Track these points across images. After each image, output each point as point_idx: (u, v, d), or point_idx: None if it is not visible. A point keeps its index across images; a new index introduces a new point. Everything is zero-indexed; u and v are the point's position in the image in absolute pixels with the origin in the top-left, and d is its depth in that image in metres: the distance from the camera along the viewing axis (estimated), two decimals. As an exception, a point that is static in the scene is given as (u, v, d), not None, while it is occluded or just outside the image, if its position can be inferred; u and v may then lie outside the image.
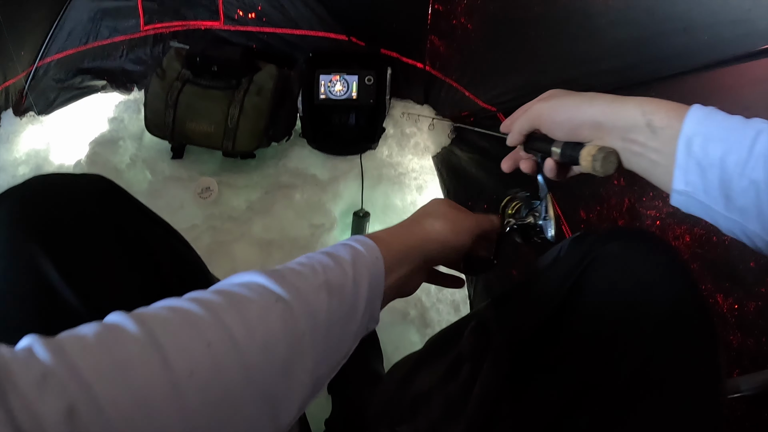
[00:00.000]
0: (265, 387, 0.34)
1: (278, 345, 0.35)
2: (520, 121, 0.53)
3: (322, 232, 1.24)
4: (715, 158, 0.40)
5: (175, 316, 0.33)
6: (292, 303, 0.37)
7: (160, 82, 1.36)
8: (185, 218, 1.31)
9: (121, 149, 1.44)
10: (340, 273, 0.42)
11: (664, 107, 0.43)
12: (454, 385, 0.60)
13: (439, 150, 1.39)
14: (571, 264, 0.50)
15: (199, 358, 0.31)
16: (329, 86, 1.36)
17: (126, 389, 0.28)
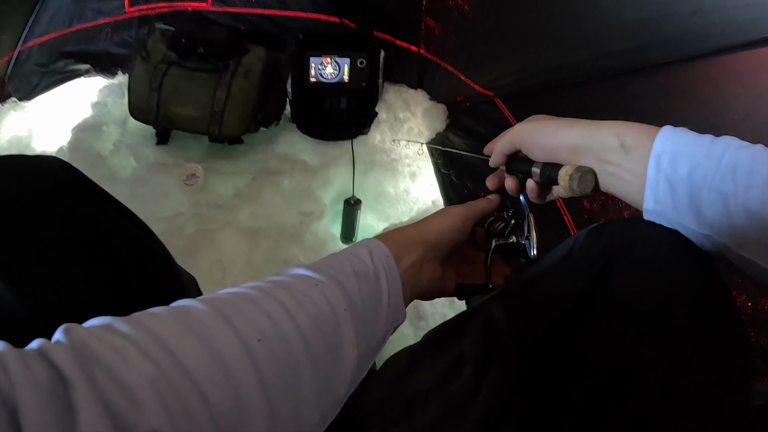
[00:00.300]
0: (320, 355, 0.37)
1: (325, 317, 0.38)
2: (502, 142, 0.55)
3: (312, 220, 1.19)
4: (683, 173, 0.42)
5: (234, 297, 0.37)
6: (330, 284, 0.40)
7: (145, 64, 1.32)
8: (170, 206, 1.26)
9: (105, 135, 1.40)
10: (362, 264, 0.45)
11: (636, 129, 0.46)
12: (454, 386, 0.57)
13: (433, 135, 1.34)
14: (591, 257, 0.47)
15: (263, 327, 0.34)
16: (320, 69, 1.31)
17: (206, 352, 0.31)
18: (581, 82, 1.13)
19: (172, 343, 0.30)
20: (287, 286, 0.39)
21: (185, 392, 0.28)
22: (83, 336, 0.29)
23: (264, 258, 1.16)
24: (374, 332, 0.44)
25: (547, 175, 0.52)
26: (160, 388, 0.28)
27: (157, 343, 0.29)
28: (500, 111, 1.29)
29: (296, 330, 0.36)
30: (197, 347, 0.31)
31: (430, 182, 1.29)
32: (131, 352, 0.28)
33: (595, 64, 1.09)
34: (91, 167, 1.32)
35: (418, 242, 0.51)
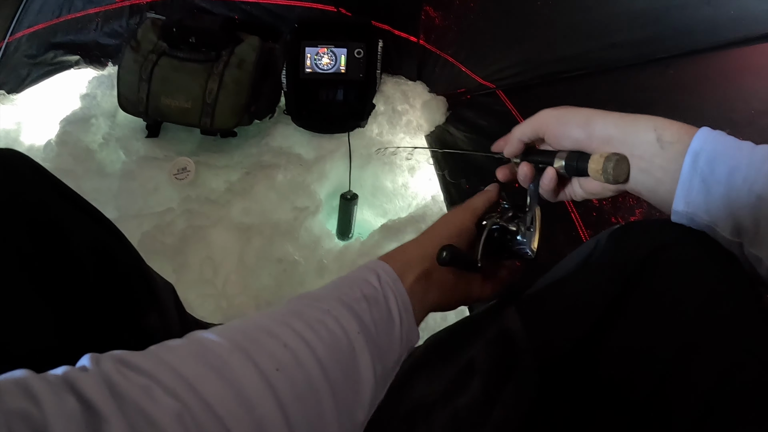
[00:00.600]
0: (338, 381, 0.37)
1: (340, 343, 0.38)
2: (523, 127, 0.52)
3: (307, 216, 1.15)
4: (721, 175, 0.39)
5: (248, 327, 0.37)
6: (341, 309, 0.40)
7: (134, 54, 1.28)
8: (160, 201, 1.22)
9: (94, 128, 1.36)
10: (371, 287, 0.44)
11: (675, 124, 0.43)
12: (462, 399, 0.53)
13: (432, 128, 1.30)
14: (617, 265, 0.44)
15: (280, 357, 0.34)
16: (316, 59, 1.26)
17: (226, 387, 0.31)
18: (588, 73, 1.09)
19: (193, 379, 0.31)
20: (300, 314, 0.39)
21: (209, 427, 0.29)
22: (110, 370, 0.29)
23: (257, 256, 1.12)
24: (389, 355, 0.43)
25: (573, 166, 0.48)
26: (186, 424, 0.28)
27: (179, 380, 0.30)
28: (503, 104, 1.25)
29: (313, 357, 0.36)
30: (218, 383, 0.31)
31: (429, 177, 1.24)
32: (156, 390, 0.29)
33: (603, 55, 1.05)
34: (79, 161, 1.28)
35: (421, 258, 0.49)
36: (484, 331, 0.56)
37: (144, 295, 0.53)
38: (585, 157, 0.47)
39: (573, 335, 0.44)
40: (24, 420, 0.24)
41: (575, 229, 1.01)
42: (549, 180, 0.51)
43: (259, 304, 1.07)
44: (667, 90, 0.94)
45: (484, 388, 0.52)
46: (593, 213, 1.00)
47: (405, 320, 0.45)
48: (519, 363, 0.49)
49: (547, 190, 0.52)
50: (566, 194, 0.54)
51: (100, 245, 0.48)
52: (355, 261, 1.10)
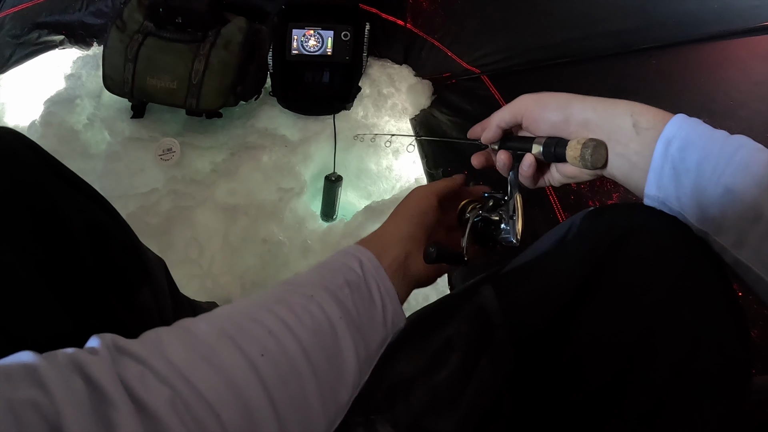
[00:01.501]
0: (321, 365, 0.39)
1: (322, 328, 0.40)
2: (502, 113, 0.52)
3: (291, 197, 1.16)
4: (691, 163, 0.40)
5: (234, 314, 0.39)
6: (324, 295, 0.42)
7: (120, 34, 1.26)
8: (145, 182, 1.22)
9: (78, 108, 1.35)
10: (353, 273, 0.46)
11: (652, 111, 0.44)
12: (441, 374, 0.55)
13: (417, 112, 1.31)
14: (589, 246, 0.44)
15: (265, 342, 0.36)
16: (302, 41, 1.26)
17: (215, 373, 0.33)
18: (571, 61, 1.11)
19: (183, 367, 0.32)
20: (284, 301, 0.41)
21: (200, 412, 0.31)
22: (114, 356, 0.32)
23: (242, 236, 1.13)
24: (372, 338, 0.44)
25: (551, 152, 0.48)
26: (178, 410, 0.30)
27: (170, 368, 0.32)
28: (487, 88, 1.26)
29: (296, 342, 0.38)
30: (207, 370, 0.33)
31: (413, 159, 1.25)
32: (150, 378, 0.31)
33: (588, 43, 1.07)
34: (64, 142, 1.28)
35: (397, 240, 0.51)
36: (462, 309, 0.57)
37: (137, 272, 0.54)
38: (563, 142, 0.48)
39: (544, 313, 0.46)
40: (34, 408, 0.25)
41: (553, 212, 1.03)
42: (528, 166, 0.51)
43: (244, 284, 1.08)
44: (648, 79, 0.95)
45: (461, 363, 0.53)
46: (571, 196, 1.01)
47: (388, 305, 0.46)
48: (493, 338, 0.50)
49: (526, 176, 0.53)
50: (545, 180, 0.55)
51: (95, 223, 0.48)
52: (338, 242, 1.12)
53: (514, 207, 0.52)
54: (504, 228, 0.53)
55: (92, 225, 0.48)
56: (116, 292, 0.49)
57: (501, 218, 0.53)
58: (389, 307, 0.46)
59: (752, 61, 0.79)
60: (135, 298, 0.52)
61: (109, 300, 0.47)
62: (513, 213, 0.52)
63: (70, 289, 0.43)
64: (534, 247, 0.54)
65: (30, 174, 0.44)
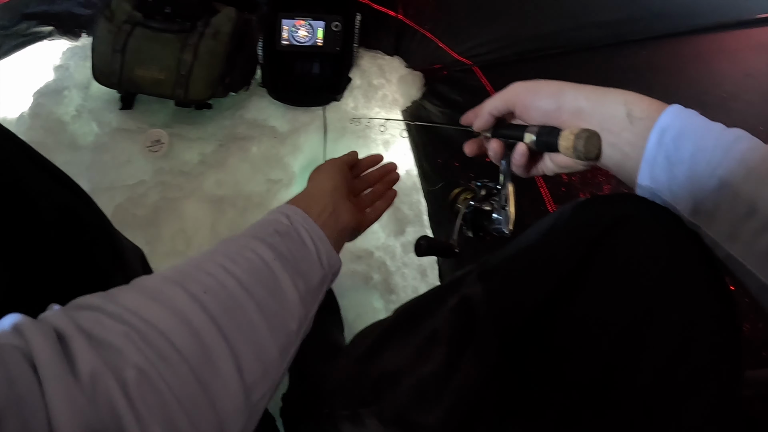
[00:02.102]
0: (261, 296, 0.42)
1: (257, 267, 0.44)
2: (494, 101, 0.51)
3: (280, 188, 1.15)
4: (685, 154, 0.39)
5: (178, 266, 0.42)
6: (256, 242, 0.46)
7: (108, 25, 1.25)
8: (132, 173, 1.21)
9: (66, 99, 1.33)
10: (282, 224, 0.50)
11: (646, 100, 0.43)
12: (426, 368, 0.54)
13: (408, 103, 1.30)
14: (577, 236, 0.43)
15: (206, 282, 0.40)
16: (292, 31, 1.25)
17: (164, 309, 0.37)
18: (563, 52, 1.10)
19: (134, 307, 0.36)
20: (220, 252, 0.44)
21: (154, 339, 0.34)
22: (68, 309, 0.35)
23: (229, 227, 1.12)
24: (310, 276, 0.48)
25: (543, 141, 0.48)
26: (134, 338, 0.33)
27: (122, 309, 0.35)
28: (478, 79, 1.25)
29: (235, 279, 0.41)
30: (156, 306, 0.36)
31: (404, 151, 1.24)
32: (104, 319, 0.34)
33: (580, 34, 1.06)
34: (51, 134, 1.27)
35: (323, 191, 0.58)
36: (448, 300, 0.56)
37: (110, 259, 0.54)
38: (555, 132, 0.47)
39: (530, 304, 0.44)
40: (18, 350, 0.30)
41: (543, 204, 1.02)
42: (520, 156, 0.51)
43: (231, 276, 1.07)
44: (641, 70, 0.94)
45: (446, 355, 0.52)
46: (562, 188, 1.00)
47: (321, 248, 0.51)
48: (478, 329, 0.49)
49: (519, 165, 0.52)
50: (538, 169, 0.54)
51: (66, 208, 0.49)
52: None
53: (506, 197, 0.51)
54: (495, 218, 0.52)
55: (63, 210, 0.47)
56: (87, 277, 0.48)
57: (493, 208, 0.53)
58: (322, 248, 0.51)
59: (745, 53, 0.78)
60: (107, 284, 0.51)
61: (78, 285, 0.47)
62: (505, 203, 0.51)
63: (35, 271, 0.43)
64: (522, 237, 0.52)
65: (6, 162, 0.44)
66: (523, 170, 0.53)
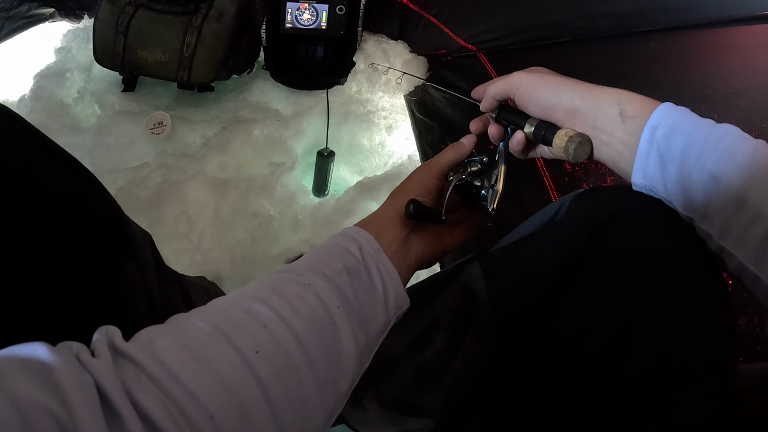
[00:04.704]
0: (318, 356, 0.38)
1: (319, 318, 0.39)
2: (496, 86, 0.53)
3: (283, 171, 1.14)
4: (676, 150, 0.40)
5: (229, 307, 0.38)
6: (321, 283, 0.41)
7: (111, 6, 1.24)
8: (135, 156, 1.20)
9: (68, 82, 1.33)
10: (353, 258, 0.45)
11: (639, 99, 0.44)
12: (427, 352, 0.55)
13: (412, 88, 1.29)
14: (577, 227, 0.44)
15: (259, 338, 0.36)
16: (297, 14, 1.24)
17: (208, 373, 0.33)
18: (571, 41, 1.09)
19: (175, 368, 0.32)
20: (280, 290, 0.40)
21: (193, 414, 0.31)
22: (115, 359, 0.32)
23: (232, 210, 1.12)
24: (372, 324, 0.44)
25: (540, 135, 0.50)
26: (172, 413, 0.30)
27: (162, 369, 0.32)
28: (483, 66, 1.24)
29: (292, 335, 0.37)
30: (200, 370, 0.33)
31: (406, 136, 1.24)
32: (144, 381, 0.31)
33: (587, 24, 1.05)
34: (53, 116, 1.26)
35: (395, 220, 0.50)
36: (450, 287, 0.57)
37: (122, 245, 0.52)
38: (553, 129, 0.48)
39: (529, 293, 0.45)
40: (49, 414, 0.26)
41: (547, 193, 1.02)
42: (517, 143, 0.53)
43: (233, 258, 1.07)
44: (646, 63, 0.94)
45: (447, 341, 0.53)
46: (565, 178, 1.00)
47: (390, 288, 0.46)
48: (479, 315, 0.50)
49: (516, 151, 0.54)
50: (536, 153, 0.55)
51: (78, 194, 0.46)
52: (329, 217, 1.10)
53: (497, 176, 0.53)
54: (483, 194, 0.54)
55: (75, 195, 0.45)
56: (100, 265, 0.47)
57: (483, 184, 0.54)
58: (391, 289, 0.46)
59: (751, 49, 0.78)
60: (119, 270, 0.50)
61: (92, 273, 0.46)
62: (494, 182, 0.53)
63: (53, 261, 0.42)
64: (523, 226, 0.54)
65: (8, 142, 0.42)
66: (521, 153, 0.54)
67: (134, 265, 0.52)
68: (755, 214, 0.36)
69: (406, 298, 0.48)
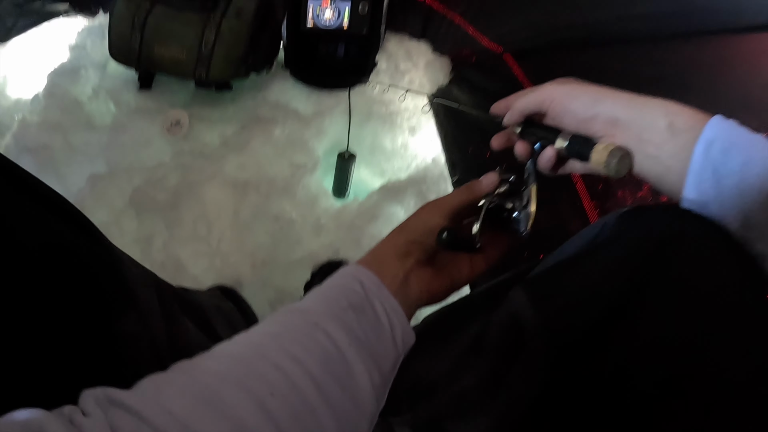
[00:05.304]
0: (335, 396, 0.36)
1: (332, 357, 0.38)
2: (526, 100, 0.50)
3: (304, 173, 1.12)
4: (734, 166, 0.38)
5: (242, 349, 0.37)
6: (329, 321, 0.40)
7: (127, 2, 1.22)
8: (151, 155, 1.18)
9: (83, 79, 1.31)
10: (356, 295, 0.44)
11: (688, 111, 0.42)
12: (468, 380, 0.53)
13: (435, 89, 1.26)
14: (627, 250, 0.42)
15: (273, 380, 0.34)
16: (318, 13, 1.21)
17: (221, 422, 0.31)
18: (603, 43, 1.06)
19: (185, 417, 0.30)
20: (288, 330, 0.39)
21: None
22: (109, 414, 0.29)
23: (252, 213, 1.09)
24: (384, 360, 0.43)
25: (575, 150, 0.47)
26: None
27: (170, 420, 0.30)
28: (509, 68, 1.21)
29: (307, 375, 0.36)
30: (212, 418, 0.31)
31: (430, 138, 1.21)
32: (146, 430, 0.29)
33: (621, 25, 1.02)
34: (67, 113, 1.24)
35: (395, 258, 0.49)
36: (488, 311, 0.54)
37: (117, 296, 0.47)
38: (589, 143, 0.46)
39: (582, 321, 0.43)
40: None
41: (579, 201, 0.99)
42: (548, 160, 0.50)
43: (254, 263, 1.05)
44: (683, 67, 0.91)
45: (492, 369, 0.51)
46: (599, 185, 0.98)
47: (396, 324, 0.45)
48: (527, 345, 0.47)
49: (546, 168, 0.51)
50: (566, 169, 0.52)
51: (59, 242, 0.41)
52: (353, 221, 1.08)
53: (528, 197, 0.50)
54: (515, 217, 0.51)
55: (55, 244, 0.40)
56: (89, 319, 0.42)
57: (514, 206, 0.51)
58: (397, 325, 0.44)
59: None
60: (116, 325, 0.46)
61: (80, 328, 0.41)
62: (527, 203, 0.50)
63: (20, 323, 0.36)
64: (565, 248, 0.51)
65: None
66: (551, 171, 0.52)
67: (135, 317, 0.48)
68: None
69: (412, 333, 0.47)
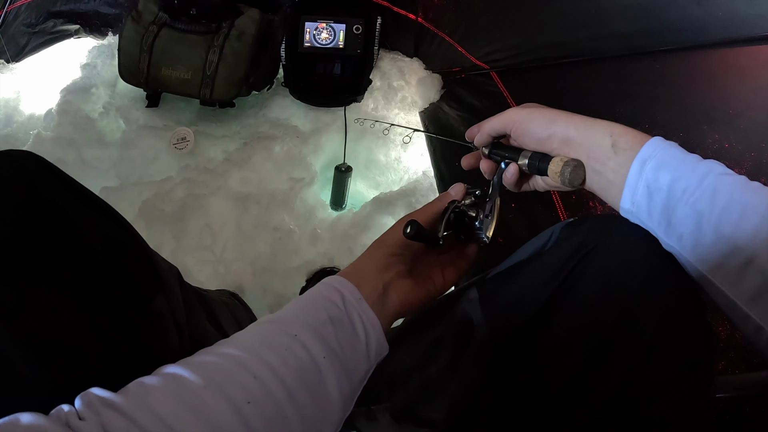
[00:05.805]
0: (306, 405, 0.40)
1: (306, 368, 0.42)
2: (492, 124, 0.56)
3: (302, 186, 1.18)
4: (663, 183, 0.43)
5: (222, 359, 0.40)
6: (307, 334, 0.44)
7: (135, 25, 1.29)
8: (159, 170, 1.25)
9: (94, 97, 1.37)
10: (336, 309, 0.47)
11: (630, 132, 0.47)
12: (433, 369, 0.59)
13: (426, 105, 1.33)
14: (564, 255, 0.48)
15: (251, 389, 0.38)
16: (315, 34, 1.28)
17: (202, 424, 0.35)
18: (580, 61, 1.12)
19: (170, 419, 0.34)
20: (269, 342, 0.42)
21: None
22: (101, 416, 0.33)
23: (254, 224, 1.16)
24: (356, 372, 0.46)
25: (535, 165, 0.52)
26: None
27: (156, 421, 0.34)
28: (495, 84, 1.27)
29: (281, 385, 0.39)
30: (194, 421, 0.35)
31: (421, 152, 1.28)
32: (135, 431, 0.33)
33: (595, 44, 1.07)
34: (80, 130, 1.30)
35: (374, 271, 0.52)
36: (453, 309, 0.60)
37: (151, 281, 0.54)
38: (546, 158, 0.51)
39: (519, 318, 0.49)
40: None
41: (555, 211, 1.05)
42: (511, 175, 0.56)
43: (255, 271, 1.11)
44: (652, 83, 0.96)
45: (449, 359, 0.57)
46: (573, 196, 1.03)
47: (372, 336, 0.48)
48: (475, 337, 0.54)
49: (510, 183, 0.57)
50: (529, 185, 0.58)
51: (110, 238, 0.49)
52: (347, 231, 1.14)
53: (491, 208, 0.56)
54: (477, 225, 0.56)
55: (107, 240, 0.48)
56: (132, 301, 0.50)
57: (477, 215, 0.56)
58: (373, 337, 0.48)
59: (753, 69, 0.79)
60: (149, 305, 0.53)
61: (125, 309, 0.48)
62: (489, 213, 0.56)
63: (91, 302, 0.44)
64: (517, 254, 0.57)
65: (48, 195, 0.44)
66: (514, 186, 0.57)
67: (163, 299, 0.55)
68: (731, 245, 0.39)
69: (386, 345, 0.50)
